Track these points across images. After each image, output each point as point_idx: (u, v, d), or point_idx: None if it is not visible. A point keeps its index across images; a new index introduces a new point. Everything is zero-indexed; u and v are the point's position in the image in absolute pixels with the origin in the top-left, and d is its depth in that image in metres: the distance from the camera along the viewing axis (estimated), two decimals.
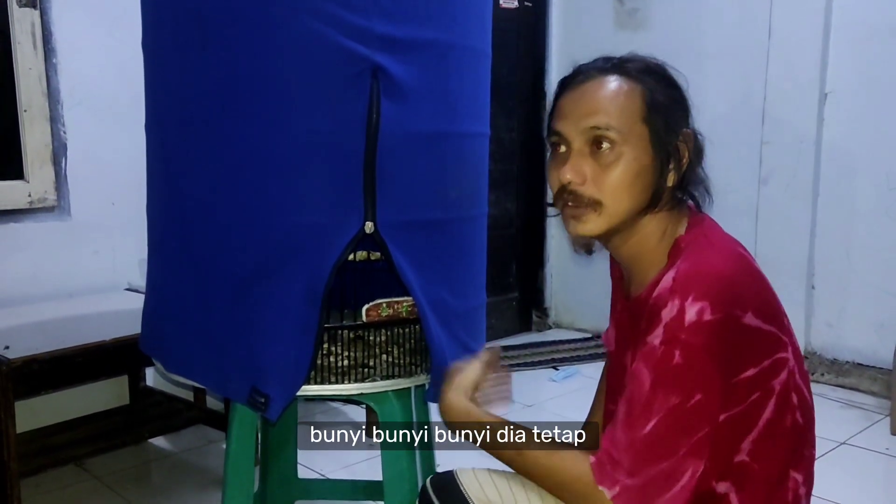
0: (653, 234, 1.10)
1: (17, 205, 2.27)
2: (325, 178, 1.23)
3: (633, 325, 1.10)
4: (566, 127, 1.08)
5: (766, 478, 1.05)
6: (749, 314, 1.00)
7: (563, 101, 1.10)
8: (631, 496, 1.00)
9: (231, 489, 1.41)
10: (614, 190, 1.05)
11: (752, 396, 1.03)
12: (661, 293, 1.01)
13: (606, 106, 1.06)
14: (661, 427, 0.98)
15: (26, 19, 2.24)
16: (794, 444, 1.08)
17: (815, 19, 2.96)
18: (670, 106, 1.08)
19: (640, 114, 1.06)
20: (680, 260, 1.04)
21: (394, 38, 1.23)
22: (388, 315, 1.34)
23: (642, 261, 1.11)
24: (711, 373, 0.98)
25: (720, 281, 0.99)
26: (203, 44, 1.25)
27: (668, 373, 0.98)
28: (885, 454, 2.46)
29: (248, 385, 1.26)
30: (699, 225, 1.11)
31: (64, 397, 2.32)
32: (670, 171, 1.08)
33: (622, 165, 1.05)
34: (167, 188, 1.39)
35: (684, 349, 0.97)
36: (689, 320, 0.97)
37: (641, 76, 1.08)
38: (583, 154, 1.07)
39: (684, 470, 0.99)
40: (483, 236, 1.50)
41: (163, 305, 1.44)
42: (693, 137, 1.10)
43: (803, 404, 1.08)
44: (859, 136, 2.94)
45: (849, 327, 3.03)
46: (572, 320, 3.95)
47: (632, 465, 0.99)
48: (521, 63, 3.81)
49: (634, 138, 1.05)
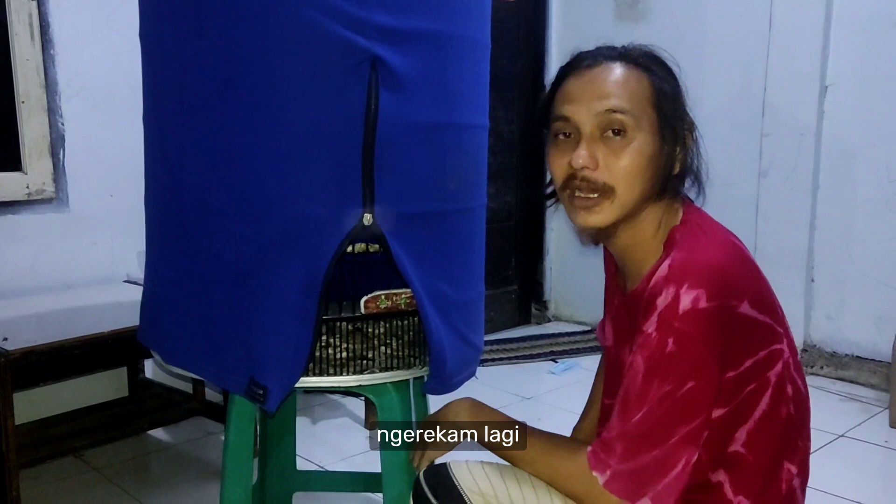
0: (650, 225, 1.09)
1: (15, 196, 2.26)
2: (324, 170, 1.23)
3: (631, 320, 1.10)
4: (576, 111, 1.06)
5: (760, 468, 1.05)
6: (745, 304, 1.00)
7: (570, 86, 1.08)
8: (623, 481, 1.00)
9: (230, 481, 1.41)
10: (627, 175, 1.04)
11: (748, 388, 1.03)
12: (656, 281, 1.01)
13: (619, 90, 1.04)
14: (654, 414, 0.98)
15: (24, 10, 2.23)
16: (787, 435, 1.08)
17: (815, 11, 2.95)
18: (675, 94, 1.08)
19: (651, 99, 1.05)
20: (675, 249, 1.03)
21: (393, 29, 1.22)
22: (387, 307, 1.33)
23: (638, 252, 1.11)
24: (706, 360, 0.97)
25: (716, 270, 0.99)
26: (201, 34, 1.24)
27: (662, 360, 0.98)
28: (883, 447, 2.46)
29: (246, 376, 1.26)
30: (693, 215, 1.10)
31: (63, 389, 2.32)
32: (677, 157, 1.08)
33: (635, 150, 1.04)
34: (165, 179, 1.38)
35: (678, 337, 0.97)
36: (683, 308, 0.96)
37: (647, 63, 1.08)
38: (594, 139, 1.05)
39: (678, 458, 0.99)
40: (482, 228, 1.50)
41: (161, 297, 1.44)
42: (694, 125, 1.10)
43: (797, 396, 1.09)
44: (859, 128, 2.93)
45: (848, 320, 3.03)
46: (571, 313, 3.96)
47: (624, 451, 1.00)
48: (521, 55, 3.80)
49: (646, 123, 1.05)
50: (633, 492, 1.00)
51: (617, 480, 1.00)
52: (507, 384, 2.99)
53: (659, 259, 1.06)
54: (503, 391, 2.90)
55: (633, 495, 1.00)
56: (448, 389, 1.37)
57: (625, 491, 1.00)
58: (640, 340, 1.01)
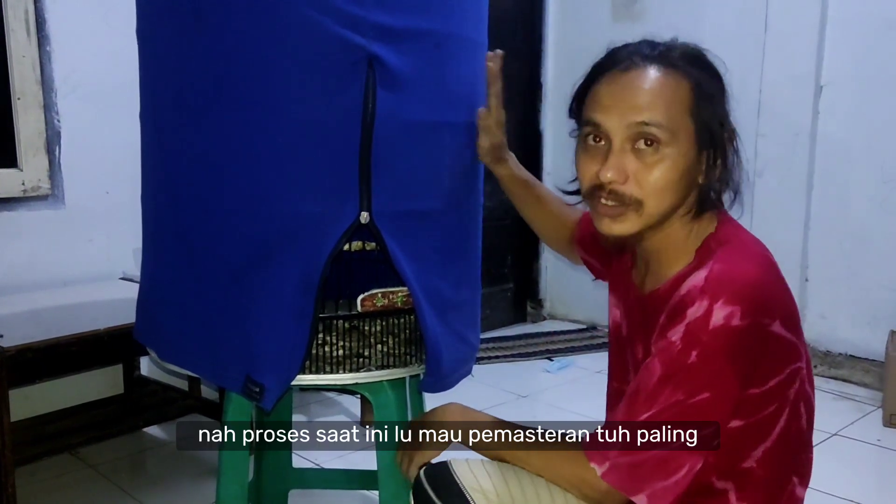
0: (682, 230, 1.06)
1: (11, 193, 2.26)
2: (321, 168, 1.23)
3: (647, 319, 1.07)
4: (609, 121, 1.01)
5: (769, 482, 1.04)
6: (777, 323, 0.98)
7: (602, 91, 1.03)
8: (622, 474, 0.99)
9: (226, 478, 1.42)
10: (657, 190, 1.00)
11: (769, 407, 1.01)
12: (690, 291, 0.98)
13: (654, 100, 0.99)
14: (661, 417, 0.97)
15: (20, 6, 2.22)
16: (797, 451, 1.07)
17: (811, 12, 2.96)
18: (717, 97, 1.03)
19: (688, 108, 1.00)
20: (713, 260, 1.00)
21: (390, 28, 1.22)
22: (384, 305, 1.34)
23: (667, 255, 1.07)
24: (726, 375, 0.95)
25: (754, 287, 0.97)
26: (198, 32, 1.24)
27: (681, 370, 0.96)
28: (876, 445, 2.48)
29: (242, 374, 1.26)
30: (729, 224, 1.07)
31: (58, 386, 2.31)
32: (717, 167, 1.03)
33: (667, 164, 0.99)
34: (162, 176, 1.38)
35: (703, 350, 0.94)
36: (714, 323, 0.94)
37: (688, 66, 1.02)
38: (624, 151, 1.00)
39: (682, 464, 0.97)
40: (478, 226, 1.50)
41: (157, 294, 1.44)
42: (735, 133, 1.05)
43: (809, 412, 1.07)
44: (854, 128, 2.94)
45: (842, 319, 3.05)
46: (567, 311, 3.96)
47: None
48: (518, 54, 3.80)
49: (681, 134, 1.00)
50: (630, 485, 0.99)
51: (615, 472, 0.99)
52: (502, 382, 3.00)
53: (690, 265, 1.03)
54: (499, 389, 2.90)
55: (631, 489, 0.99)
56: (444, 387, 1.38)
57: (622, 483, 0.99)
58: (661, 344, 0.99)
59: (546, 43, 3.84)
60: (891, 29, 2.83)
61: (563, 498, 1.09)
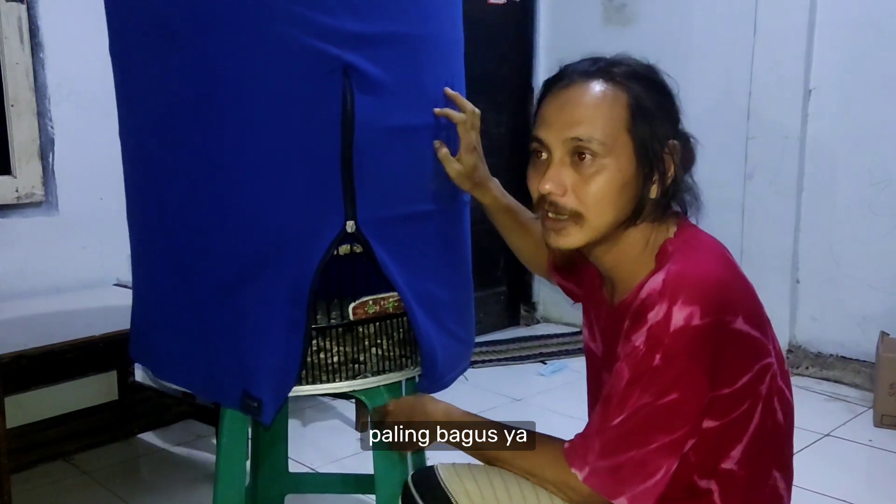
0: (637, 243, 1.07)
1: (5, 200, 2.26)
2: (304, 179, 1.23)
3: (618, 329, 1.08)
4: (547, 135, 1.04)
5: (750, 480, 1.06)
6: (739, 319, 0.99)
7: (545, 108, 1.07)
8: (602, 478, 1.00)
9: (222, 484, 1.42)
10: (596, 202, 1.02)
11: (742, 406, 1.02)
12: (650, 294, 1.00)
13: (589, 115, 1.01)
14: (633, 420, 0.99)
15: (13, 13, 2.22)
16: (776, 445, 1.09)
17: (799, 15, 2.98)
18: (657, 114, 1.03)
19: (625, 123, 1.02)
20: (670, 262, 1.02)
21: (363, 35, 1.22)
22: (375, 312, 1.34)
23: (628, 267, 1.09)
24: (693, 375, 0.97)
25: (711, 285, 0.98)
26: (171, 52, 1.24)
27: (646, 373, 0.97)
28: (867, 446, 2.49)
29: (239, 389, 1.26)
30: (687, 228, 1.09)
31: (53, 393, 2.31)
32: (654, 182, 1.04)
33: (604, 177, 1.01)
34: (148, 194, 1.37)
35: (666, 353, 0.96)
36: (674, 325, 0.96)
37: (628, 82, 1.03)
38: (564, 164, 1.03)
39: (658, 466, 0.99)
40: (466, 225, 1.50)
41: (150, 312, 1.43)
42: (680, 147, 1.05)
43: (785, 405, 1.09)
44: (843, 131, 2.97)
45: (833, 321, 3.07)
46: (560, 315, 3.97)
47: (602, 449, 1.00)
48: (510, 58, 3.82)
49: (618, 149, 1.02)
50: (612, 489, 1.00)
51: (595, 476, 1.01)
52: (495, 386, 3.01)
53: (651, 271, 1.04)
54: (492, 393, 2.91)
55: (612, 492, 1.00)
56: (440, 388, 1.39)
57: (603, 487, 1.01)
58: (627, 349, 1.00)
59: (537, 46, 3.85)
60: (878, 33, 2.85)
61: (549, 501, 1.10)
